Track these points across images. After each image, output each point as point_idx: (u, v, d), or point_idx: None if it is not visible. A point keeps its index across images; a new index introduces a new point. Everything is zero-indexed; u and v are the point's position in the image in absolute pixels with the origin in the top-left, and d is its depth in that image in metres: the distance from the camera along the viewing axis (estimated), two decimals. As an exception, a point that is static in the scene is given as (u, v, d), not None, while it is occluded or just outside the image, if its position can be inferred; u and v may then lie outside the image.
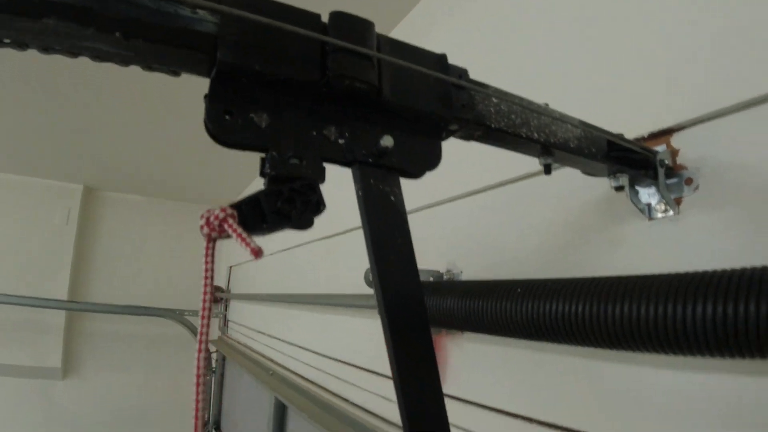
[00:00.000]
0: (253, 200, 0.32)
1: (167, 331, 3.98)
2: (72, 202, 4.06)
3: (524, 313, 0.66)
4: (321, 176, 0.35)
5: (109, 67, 1.96)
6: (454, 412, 1.04)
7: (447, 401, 1.06)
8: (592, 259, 0.81)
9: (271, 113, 0.35)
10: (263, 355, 2.70)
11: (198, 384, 0.46)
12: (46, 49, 0.33)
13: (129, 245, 4.34)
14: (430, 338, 0.39)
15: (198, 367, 0.46)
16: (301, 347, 2.13)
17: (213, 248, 0.33)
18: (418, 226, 1.25)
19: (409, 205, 1.15)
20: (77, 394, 4.04)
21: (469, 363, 1.06)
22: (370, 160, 0.38)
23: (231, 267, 3.93)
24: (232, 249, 4.02)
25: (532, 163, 0.75)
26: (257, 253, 0.30)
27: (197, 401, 0.43)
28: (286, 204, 0.33)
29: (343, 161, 0.37)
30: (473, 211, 1.11)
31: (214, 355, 3.81)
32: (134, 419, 4.12)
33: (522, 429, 0.90)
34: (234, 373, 3.42)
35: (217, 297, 3.98)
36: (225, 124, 0.33)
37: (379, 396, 1.39)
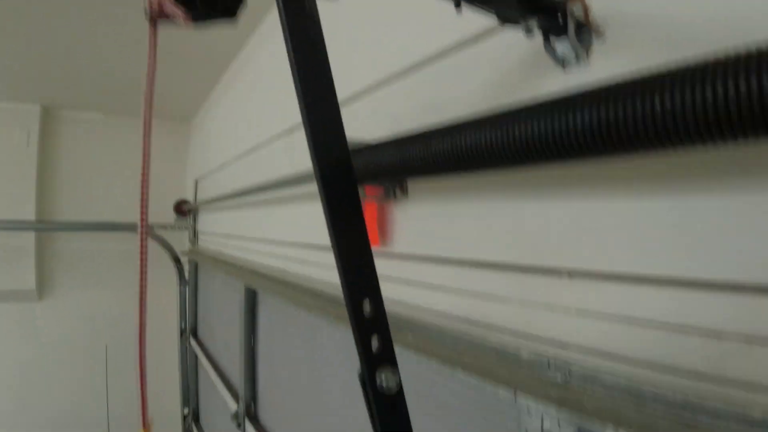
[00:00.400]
0: None
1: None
2: (31, 124, 3.95)
3: (447, 147, 0.75)
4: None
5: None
6: (398, 267, 1.16)
7: (393, 260, 1.19)
8: (516, 110, 0.90)
9: None
10: (233, 257, 2.81)
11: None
12: None
13: (93, 163, 4.30)
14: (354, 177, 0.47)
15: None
16: (266, 240, 2.24)
17: (156, 34, 0.39)
18: (362, 110, 1.33)
19: (351, 88, 1.22)
20: (55, 314, 4.14)
21: (412, 223, 1.17)
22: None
23: (197, 180, 3.96)
24: (196, 163, 4.04)
25: (459, 33, 0.81)
26: (188, 21, 0.37)
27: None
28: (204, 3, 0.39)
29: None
30: (411, 88, 1.18)
31: (186, 267, 3.92)
32: (113, 332, 4.27)
33: (456, 271, 1.03)
34: (207, 279, 3.55)
35: (184, 210, 4.03)
36: None
37: (329, 266, 1.51)
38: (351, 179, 0.51)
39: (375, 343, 0.50)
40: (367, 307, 0.50)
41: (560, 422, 0.74)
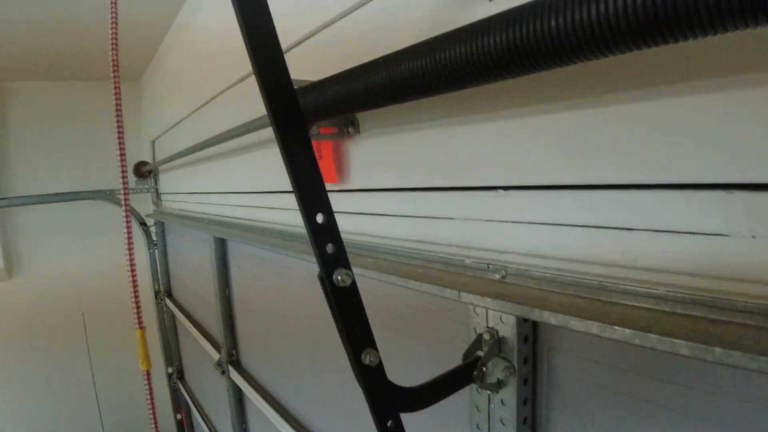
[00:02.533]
0: None
1: (101, 213, 4.01)
2: (-27, 98, 3.82)
3: (385, 78, 0.82)
4: None
5: None
6: (356, 201, 1.25)
7: (352, 195, 1.26)
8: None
9: None
10: (198, 212, 2.85)
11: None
12: None
13: (45, 133, 4.19)
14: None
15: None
16: (227, 193, 2.29)
17: None
18: (315, 50, 1.37)
19: (292, 37, 1.25)
20: (26, 289, 4.14)
21: (367, 158, 1.24)
22: None
23: (153, 141, 3.91)
24: (151, 123, 3.98)
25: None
26: None
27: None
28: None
29: None
30: (350, 30, 1.23)
31: (152, 229, 3.93)
32: (87, 300, 4.29)
33: (407, 197, 1.12)
34: (174, 238, 3.58)
35: (143, 172, 4.00)
36: None
37: (294, 209, 1.59)
38: (297, 113, 0.58)
39: (329, 248, 0.59)
40: (320, 218, 0.58)
41: (502, 317, 0.85)
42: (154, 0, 2.65)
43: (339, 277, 0.59)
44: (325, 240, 0.58)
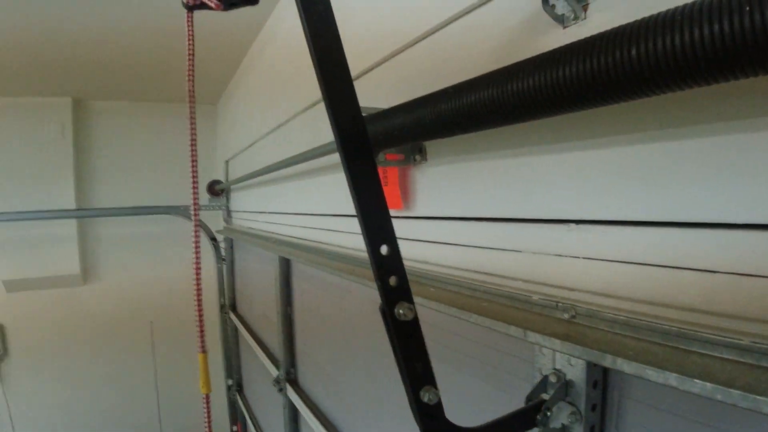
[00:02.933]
0: None
1: (174, 227, 4.21)
2: (64, 116, 4.12)
3: (454, 107, 0.81)
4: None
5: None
6: (421, 228, 1.23)
7: (417, 222, 1.25)
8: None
9: None
10: (265, 231, 2.93)
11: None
12: None
13: (126, 150, 4.47)
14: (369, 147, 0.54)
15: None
16: (295, 214, 2.33)
17: (192, 19, 0.47)
18: (376, 79, 1.38)
19: (364, 64, 1.27)
20: (100, 295, 4.39)
21: (432, 186, 1.23)
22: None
23: (227, 161, 4.07)
24: (226, 144, 4.15)
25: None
26: (219, 6, 0.45)
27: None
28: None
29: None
30: (420, 55, 1.23)
31: (222, 244, 4.07)
32: (156, 310, 4.50)
33: (472, 228, 1.09)
34: (242, 255, 3.69)
35: (217, 190, 4.16)
36: None
37: (357, 233, 1.59)
38: (365, 144, 0.58)
39: (392, 281, 0.58)
40: (384, 249, 0.57)
41: (570, 360, 0.81)
42: (230, 32, 2.79)
43: (401, 311, 0.58)
44: (389, 272, 0.57)
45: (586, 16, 0.83)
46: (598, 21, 0.81)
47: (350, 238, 1.69)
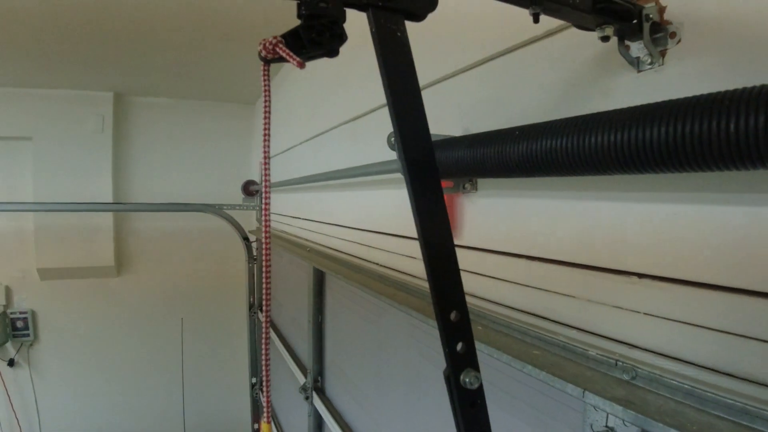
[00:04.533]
0: (294, 32, 0.44)
1: (208, 225, 4.26)
2: (105, 110, 4.22)
3: (521, 151, 0.78)
4: (342, 15, 0.46)
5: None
6: (469, 259, 1.20)
7: (463, 251, 1.22)
8: (589, 109, 0.91)
9: (302, -32, 0.45)
10: (299, 237, 2.93)
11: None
12: None
13: (164, 146, 4.55)
14: (437, 171, 0.52)
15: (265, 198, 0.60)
16: (331, 224, 2.33)
17: (269, 70, 0.45)
18: (434, 98, 1.36)
19: (425, 77, 1.25)
20: (132, 288, 4.48)
21: (482, 216, 1.20)
22: (380, 3, 0.48)
23: (262, 162, 4.09)
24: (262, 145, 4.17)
25: (532, 30, 0.82)
26: (301, 65, 0.43)
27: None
28: (318, 35, 0.44)
29: (359, 5, 0.48)
30: (482, 79, 1.20)
31: (254, 244, 4.10)
32: (184, 304, 4.57)
33: (523, 266, 1.06)
34: (274, 257, 3.70)
35: (251, 190, 4.19)
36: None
37: (399, 254, 1.57)
38: (442, 214, 0.55)
39: (460, 347, 0.55)
40: (453, 315, 0.55)
41: (625, 422, 0.77)
42: (276, 31, 2.80)
43: (467, 379, 0.55)
44: (457, 338, 0.55)
45: (664, 62, 0.79)
46: (676, 70, 0.77)
47: (389, 256, 1.67)
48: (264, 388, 0.55)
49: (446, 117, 1.31)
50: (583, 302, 0.92)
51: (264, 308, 0.57)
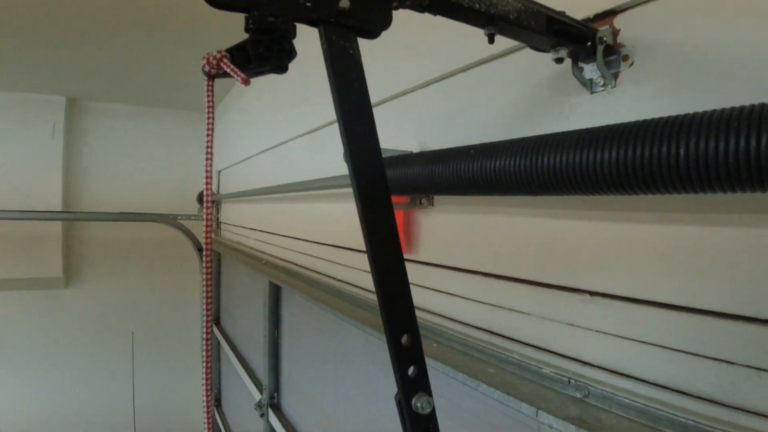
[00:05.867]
0: (241, 46, 0.42)
1: (161, 235, 4.14)
2: (56, 115, 4.05)
3: (476, 169, 0.77)
4: (292, 31, 0.45)
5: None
6: (425, 275, 1.20)
7: (420, 267, 1.21)
8: (544, 128, 0.92)
9: (251, -20, 0.43)
10: (255, 249, 2.87)
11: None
12: None
13: (118, 153, 4.40)
14: (387, 189, 0.50)
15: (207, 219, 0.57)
16: (288, 237, 2.29)
17: (213, 86, 0.43)
18: (392, 113, 1.35)
19: (383, 93, 1.24)
20: (81, 300, 4.28)
21: (439, 232, 1.20)
22: (332, 19, 0.47)
23: (220, 171, 4.01)
24: (219, 153, 4.09)
25: (489, 48, 0.83)
26: (245, 81, 0.41)
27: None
28: (266, 50, 0.42)
29: (310, 20, 0.46)
30: (439, 95, 1.20)
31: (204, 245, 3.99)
32: (137, 317, 4.40)
33: (479, 283, 1.06)
34: (229, 269, 3.62)
35: (208, 200, 4.10)
36: (215, -11, 0.42)
37: (356, 268, 1.55)
38: (392, 229, 0.53)
39: (411, 371, 0.54)
40: (405, 339, 0.53)
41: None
42: (235, 39, 2.75)
43: (419, 404, 0.54)
44: (408, 362, 0.53)
45: (616, 84, 0.80)
46: (629, 92, 0.78)
47: (346, 271, 1.64)
48: (204, 403, 0.53)
49: (404, 132, 1.31)
50: (538, 319, 0.92)
51: (205, 313, 0.54)
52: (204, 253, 0.57)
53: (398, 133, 1.33)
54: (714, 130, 0.50)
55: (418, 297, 1.23)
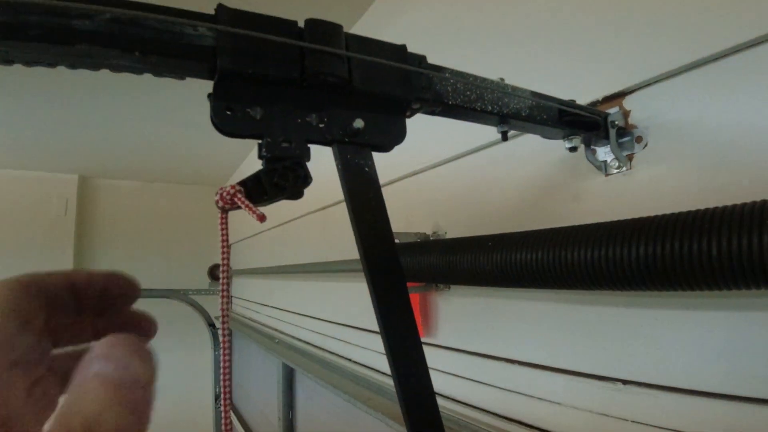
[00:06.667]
0: (255, 178, 0.41)
1: (173, 311, 4.09)
2: (68, 192, 4.12)
3: (495, 263, 0.75)
4: (307, 155, 0.44)
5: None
6: (443, 359, 1.15)
7: (438, 351, 1.18)
8: (559, 213, 0.91)
9: (263, 106, 0.43)
10: (267, 326, 2.82)
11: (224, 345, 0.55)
12: (73, 66, 0.41)
13: (129, 229, 4.42)
14: (404, 286, 0.48)
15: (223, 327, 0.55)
16: (302, 315, 2.24)
17: (227, 219, 0.41)
18: (405, 194, 1.35)
19: (395, 173, 1.24)
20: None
21: (457, 315, 1.16)
22: (346, 139, 0.46)
23: (231, 245, 4.02)
24: (231, 227, 4.10)
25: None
26: (261, 218, 0.39)
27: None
28: (281, 179, 0.41)
29: (324, 142, 0.46)
30: (452, 176, 1.20)
31: (219, 331, 3.93)
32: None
33: (503, 369, 1.01)
34: (241, 346, 3.55)
35: (217, 275, 4.07)
36: (227, 119, 0.42)
37: (375, 351, 1.50)
38: (410, 319, 0.51)
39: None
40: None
41: None
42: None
43: None
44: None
45: (632, 166, 0.79)
46: (645, 174, 0.77)
47: (362, 352, 1.59)
48: None
49: (416, 212, 1.30)
50: (568, 408, 0.87)
51: (222, 402, 0.50)
52: (222, 354, 0.54)
53: (409, 213, 1.32)
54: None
55: (439, 382, 1.18)
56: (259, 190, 0.42)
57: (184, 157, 3.72)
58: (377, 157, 0.50)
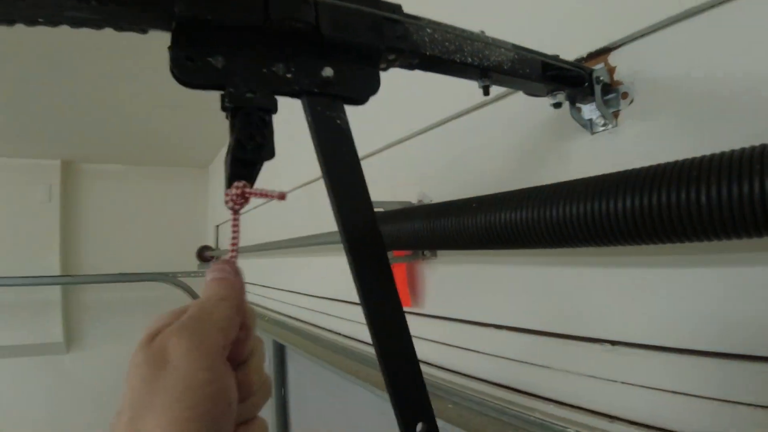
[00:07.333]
0: (238, 160, 0.39)
1: (163, 294, 4.06)
2: (52, 178, 4.05)
3: (480, 224, 0.73)
4: (274, 106, 0.41)
5: (74, 41, 1.96)
6: (431, 328, 1.14)
7: (426, 320, 1.16)
8: (545, 173, 0.89)
9: (225, 56, 0.40)
10: (257, 305, 2.80)
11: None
12: (32, 22, 0.38)
13: (115, 214, 4.37)
14: (381, 240, 0.46)
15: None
16: (291, 292, 2.23)
17: (239, 221, 0.40)
18: (389, 163, 1.32)
19: (379, 142, 1.22)
20: (83, 365, 4.17)
21: (444, 284, 1.15)
22: (316, 90, 0.44)
23: (218, 226, 3.98)
24: (216, 209, 4.07)
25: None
26: (282, 196, 0.38)
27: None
28: (262, 137, 0.39)
29: (292, 93, 0.43)
30: (437, 143, 1.18)
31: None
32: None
33: (490, 335, 1.00)
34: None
35: (206, 256, 4.05)
36: (187, 69, 0.39)
37: (362, 323, 1.49)
38: (390, 287, 0.49)
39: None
40: (420, 428, 0.48)
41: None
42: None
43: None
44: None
45: (618, 123, 0.77)
46: (631, 131, 0.75)
47: (353, 326, 1.59)
48: None
49: (401, 182, 1.28)
50: (559, 372, 0.86)
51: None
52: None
53: (395, 183, 1.30)
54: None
55: (427, 351, 1.17)
56: (248, 168, 0.40)
57: (167, 139, 3.66)
58: (359, 127, 0.47)
